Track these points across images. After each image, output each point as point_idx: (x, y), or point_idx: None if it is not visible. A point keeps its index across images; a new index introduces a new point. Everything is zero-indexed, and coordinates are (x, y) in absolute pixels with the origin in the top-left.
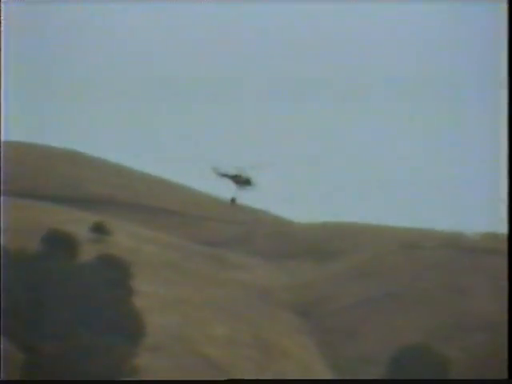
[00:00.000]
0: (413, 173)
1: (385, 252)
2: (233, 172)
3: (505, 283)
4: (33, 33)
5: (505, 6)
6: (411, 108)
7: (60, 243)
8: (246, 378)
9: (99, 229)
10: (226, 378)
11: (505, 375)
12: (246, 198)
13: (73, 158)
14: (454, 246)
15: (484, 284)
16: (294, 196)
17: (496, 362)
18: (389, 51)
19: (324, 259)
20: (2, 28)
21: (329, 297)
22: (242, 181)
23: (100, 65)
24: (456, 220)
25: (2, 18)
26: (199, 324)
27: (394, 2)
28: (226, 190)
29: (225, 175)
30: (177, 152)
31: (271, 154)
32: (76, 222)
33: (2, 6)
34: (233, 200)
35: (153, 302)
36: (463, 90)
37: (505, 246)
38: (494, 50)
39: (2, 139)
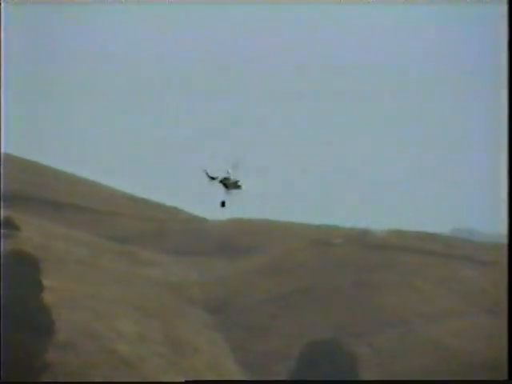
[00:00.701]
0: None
1: (296, 249)
2: (222, 175)
3: (410, 279)
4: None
5: (505, 7)
6: (402, 107)
7: None
8: (156, 374)
9: (8, 224)
10: (136, 375)
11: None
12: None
13: None
14: (362, 242)
15: (392, 280)
16: (205, 193)
17: (408, 358)
18: (389, 52)
19: (236, 256)
20: (2, 28)
21: (240, 293)
22: (230, 184)
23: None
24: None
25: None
26: (109, 320)
27: (395, 4)
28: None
29: (215, 178)
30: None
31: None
32: None
33: (2, 5)
34: (223, 203)
35: (63, 298)
36: (463, 90)
37: (411, 242)
38: (494, 50)
39: None
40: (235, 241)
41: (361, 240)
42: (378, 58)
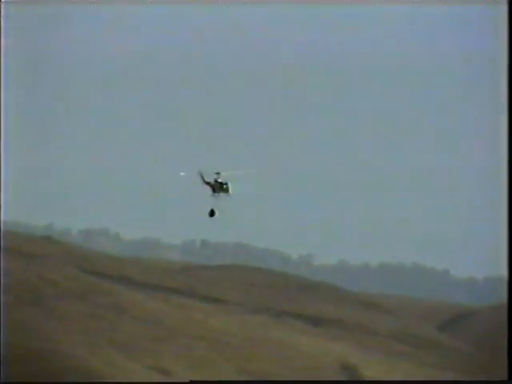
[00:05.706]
0: None
1: None
2: (212, 178)
3: None
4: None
5: (505, 8)
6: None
7: None
8: None
9: None
10: None
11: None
12: None
13: None
14: None
15: None
16: None
17: None
18: (389, 53)
19: None
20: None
21: None
22: (219, 187)
23: None
24: None
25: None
26: None
27: (396, 4)
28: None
29: (208, 183)
30: None
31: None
32: None
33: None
34: (212, 212)
35: None
36: (463, 90)
37: None
38: (494, 50)
39: None
40: None
41: None
42: (375, 59)
